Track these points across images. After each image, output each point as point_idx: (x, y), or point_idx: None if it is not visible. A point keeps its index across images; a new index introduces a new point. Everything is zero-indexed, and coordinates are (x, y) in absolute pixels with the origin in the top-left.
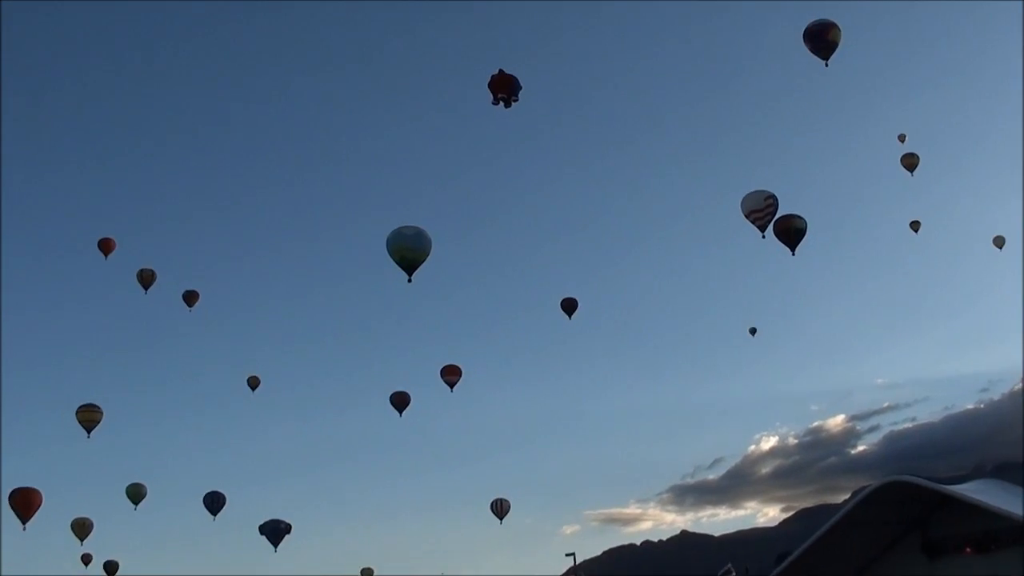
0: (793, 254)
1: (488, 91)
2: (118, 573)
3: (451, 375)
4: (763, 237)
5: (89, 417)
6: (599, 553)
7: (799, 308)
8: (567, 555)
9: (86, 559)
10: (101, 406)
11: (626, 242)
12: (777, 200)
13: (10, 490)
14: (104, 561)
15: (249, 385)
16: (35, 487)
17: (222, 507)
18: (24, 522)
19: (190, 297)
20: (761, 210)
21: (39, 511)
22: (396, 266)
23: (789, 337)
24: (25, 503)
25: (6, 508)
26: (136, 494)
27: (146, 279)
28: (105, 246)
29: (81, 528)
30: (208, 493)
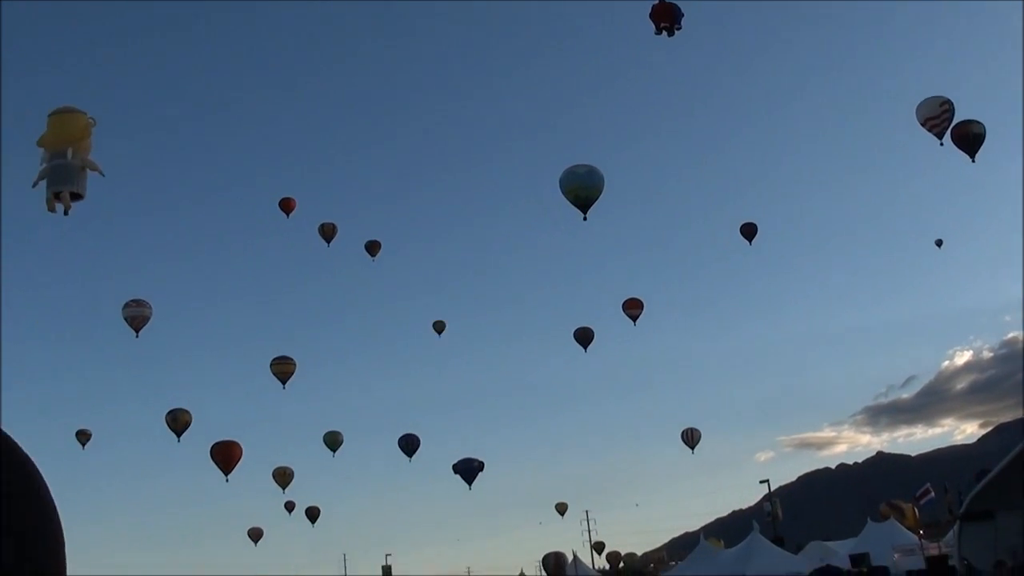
0: (973, 161)
1: (649, 21)
2: (319, 518)
3: (633, 308)
4: (941, 144)
5: (283, 369)
6: (794, 479)
7: (984, 217)
8: (761, 482)
9: (289, 506)
10: (294, 358)
11: (803, 164)
12: (953, 105)
13: (211, 444)
14: (306, 507)
15: (435, 329)
16: (235, 440)
17: (417, 449)
18: (226, 474)
19: (372, 247)
20: (937, 116)
21: (240, 463)
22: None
23: (976, 247)
24: (226, 456)
25: (209, 462)
26: (334, 441)
27: (328, 233)
28: (286, 205)
29: (282, 477)
30: (403, 436)
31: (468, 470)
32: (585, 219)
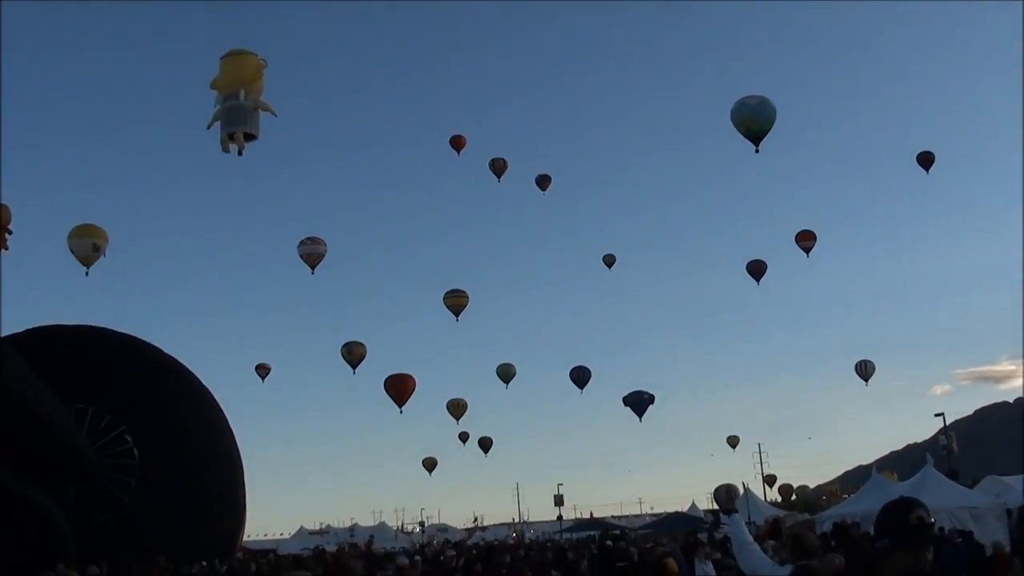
0: None
1: None
2: (492, 448)
3: (806, 240)
4: None
5: (456, 302)
6: (970, 412)
7: None
8: (936, 415)
9: (463, 437)
10: (467, 291)
11: (984, 93)
12: None
13: (386, 377)
14: (479, 438)
15: (605, 263)
16: (408, 373)
17: (588, 381)
18: (400, 406)
19: (542, 181)
20: None
21: (413, 395)
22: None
23: None
24: (400, 388)
25: (383, 394)
26: (506, 374)
27: (499, 168)
28: (456, 143)
29: (456, 408)
30: (574, 367)
31: (639, 402)
32: (757, 151)
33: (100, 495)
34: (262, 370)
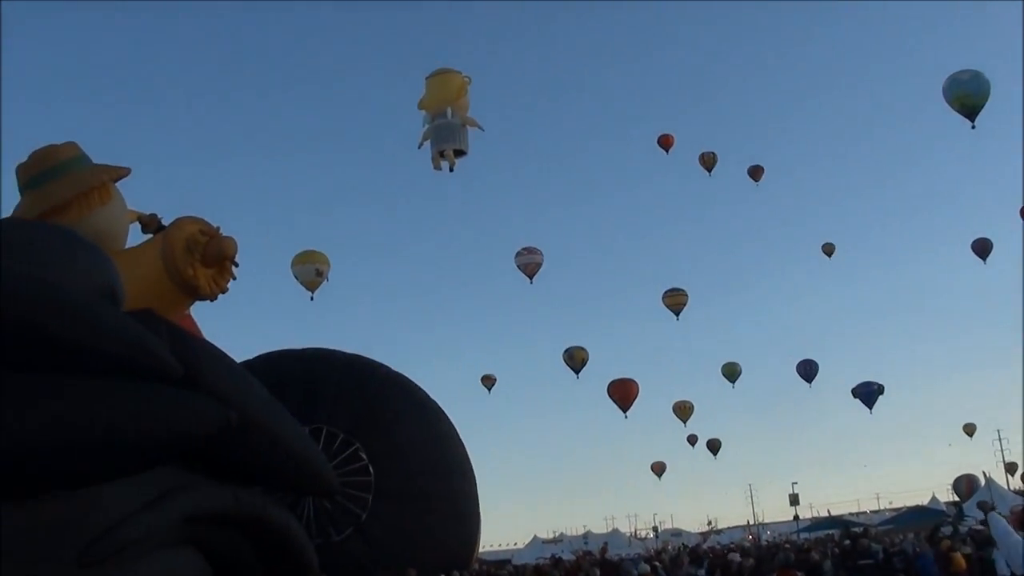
0: None
1: None
2: (721, 449)
3: None
4: None
5: (676, 301)
6: None
7: None
8: None
9: (691, 439)
10: (685, 289)
11: None
12: None
13: (608, 382)
14: (707, 439)
15: (824, 252)
16: (631, 378)
17: (816, 374)
18: (625, 411)
19: (755, 172)
20: None
21: (638, 399)
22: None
23: None
24: (623, 393)
25: (607, 400)
26: (731, 372)
27: (708, 162)
28: (665, 142)
29: (683, 411)
30: (801, 361)
31: (868, 394)
32: (973, 127)
33: (338, 512)
34: (488, 381)
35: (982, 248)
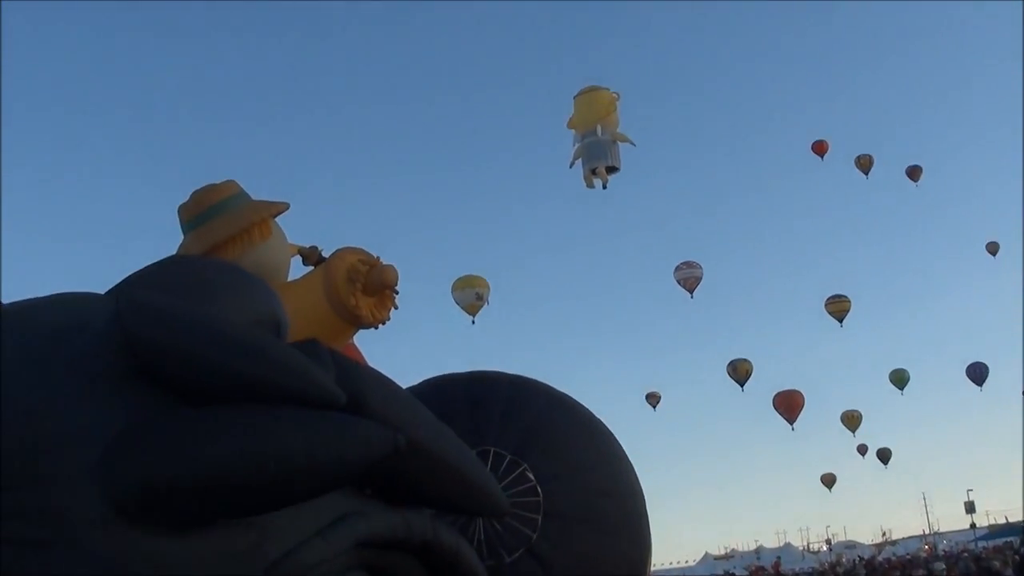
0: None
1: None
2: (891, 458)
3: None
4: None
5: (839, 307)
6: None
7: None
8: None
9: (861, 449)
10: (848, 295)
11: None
12: None
13: (773, 394)
14: (877, 449)
15: (988, 251)
16: (796, 389)
17: (987, 377)
18: (791, 423)
19: (913, 172)
20: None
21: (804, 409)
22: None
23: None
24: (788, 405)
25: (773, 412)
26: (899, 379)
27: (864, 164)
28: (819, 148)
29: (851, 420)
30: (971, 364)
31: None
32: None
33: (508, 533)
34: (652, 398)
35: None
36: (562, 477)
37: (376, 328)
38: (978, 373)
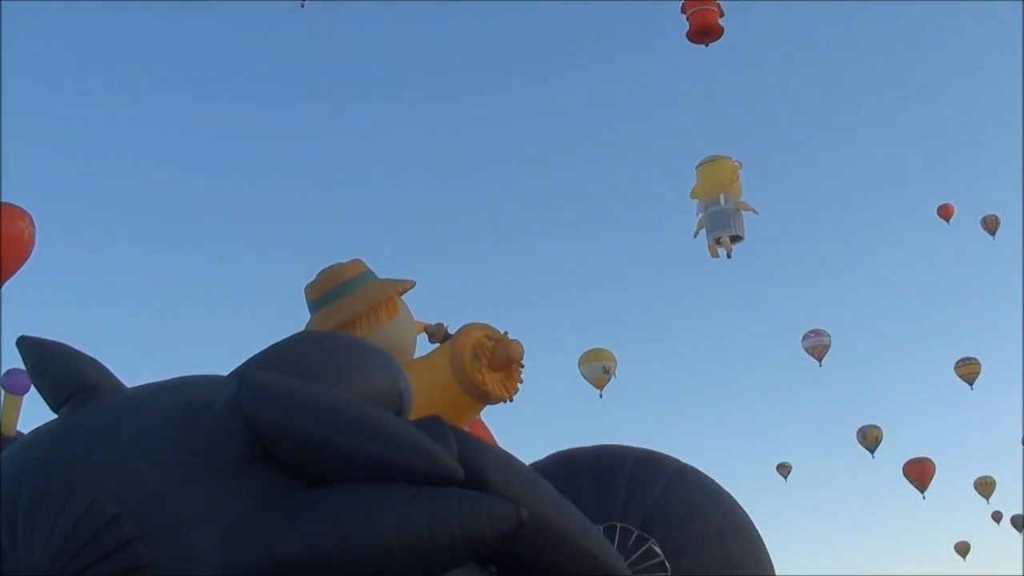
0: None
1: None
2: None
3: None
4: None
5: (969, 371)
6: None
7: None
8: None
9: (996, 516)
10: (977, 357)
11: None
12: None
13: (904, 462)
14: (1011, 515)
15: None
16: (927, 456)
17: None
18: (922, 491)
19: (989, 223)
20: None
21: (935, 477)
22: None
23: None
24: (920, 473)
25: (903, 480)
26: None
27: (991, 225)
28: (944, 212)
29: (984, 487)
30: None
31: None
32: None
33: None
34: (783, 469)
35: None
36: (690, 551)
37: (503, 403)
38: None
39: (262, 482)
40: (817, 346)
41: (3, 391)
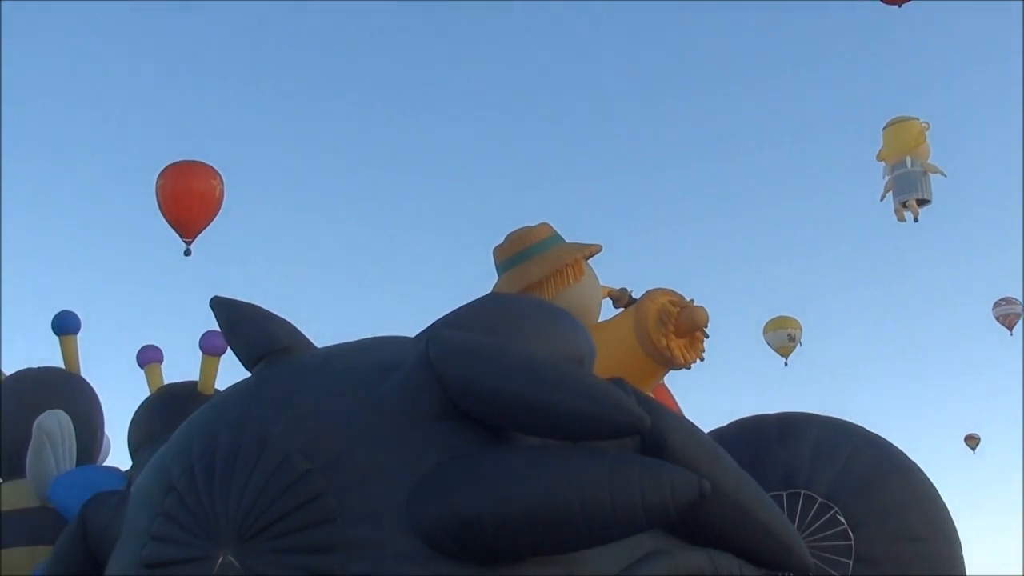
0: None
1: None
2: None
3: None
4: None
5: None
6: None
7: None
8: None
9: None
10: None
11: None
12: None
13: None
14: None
15: None
16: None
17: None
18: None
19: None
20: None
21: None
22: None
23: None
24: None
25: None
26: None
27: None
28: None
29: None
30: None
31: None
32: None
33: None
34: (971, 440)
35: None
36: (873, 520)
37: (687, 369)
38: None
39: (449, 438)
40: (1008, 315)
41: (201, 352)
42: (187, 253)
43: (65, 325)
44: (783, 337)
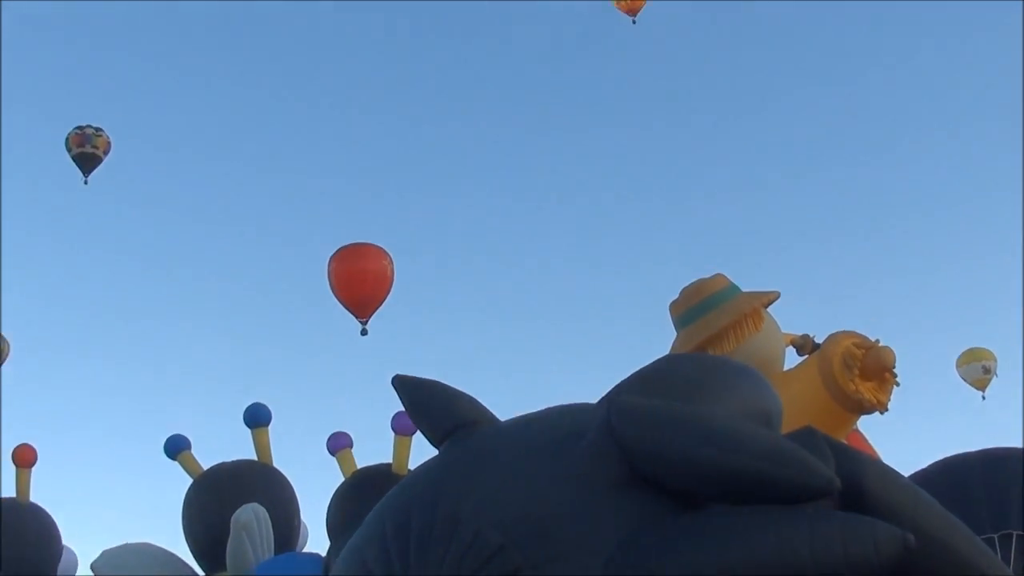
0: None
1: None
2: None
3: None
4: None
5: None
6: None
7: None
8: None
9: None
10: None
11: None
12: None
13: None
14: None
15: None
16: None
17: None
18: None
19: None
20: None
21: None
22: None
23: None
24: None
25: None
26: None
27: None
28: None
29: None
30: None
31: None
32: None
33: None
34: None
35: None
36: None
37: (881, 412)
38: None
39: (637, 505)
40: None
41: (393, 433)
42: (364, 333)
43: (257, 417)
44: (978, 370)
